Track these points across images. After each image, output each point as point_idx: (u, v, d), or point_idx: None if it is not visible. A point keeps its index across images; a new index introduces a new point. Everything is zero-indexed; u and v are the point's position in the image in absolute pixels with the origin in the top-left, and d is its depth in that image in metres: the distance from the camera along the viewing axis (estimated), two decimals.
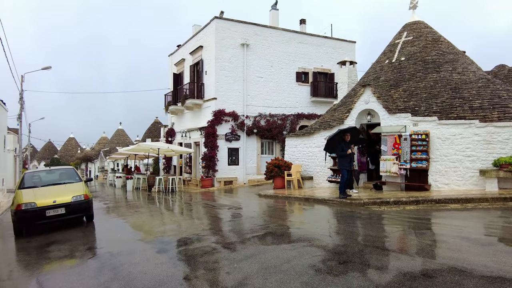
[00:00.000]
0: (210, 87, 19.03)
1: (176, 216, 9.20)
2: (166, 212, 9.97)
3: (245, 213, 8.82)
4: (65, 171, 9.15)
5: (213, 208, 10.41)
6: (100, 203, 13.21)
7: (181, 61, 23.10)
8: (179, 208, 11.01)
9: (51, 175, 8.78)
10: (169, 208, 11.37)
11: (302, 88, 21.11)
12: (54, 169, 9.23)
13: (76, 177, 8.73)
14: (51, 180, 8.46)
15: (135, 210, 10.08)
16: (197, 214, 9.57)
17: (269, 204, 10.55)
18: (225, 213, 9.09)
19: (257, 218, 7.70)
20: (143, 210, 10.27)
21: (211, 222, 7.71)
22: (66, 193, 7.66)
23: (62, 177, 8.80)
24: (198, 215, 9.27)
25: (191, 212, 10.04)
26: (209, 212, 9.65)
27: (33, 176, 8.50)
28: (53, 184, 8.14)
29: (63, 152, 52.81)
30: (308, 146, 13.85)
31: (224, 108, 18.51)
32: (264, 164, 19.81)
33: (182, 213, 10.01)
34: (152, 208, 11.12)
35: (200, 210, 10.12)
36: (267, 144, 20.21)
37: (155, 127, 41.05)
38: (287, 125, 20.25)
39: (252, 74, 19.47)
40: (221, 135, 18.51)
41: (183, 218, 8.76)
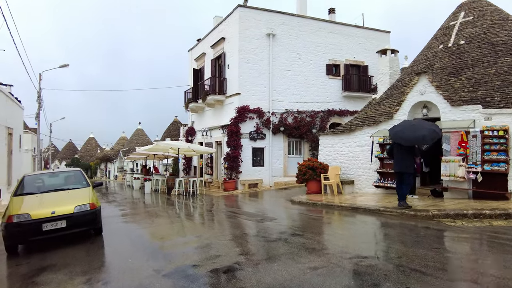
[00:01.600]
0: (233, 81, 17.52)
1: (198, 230, 7.67)
2: (187, 223, 8.47)
3: (284, 228, 7.20)
4: (71, 174, 7.80)
5: (240, 218, 8.84)
6: (115, 208, 11.91)
7: (201, 55, 21.74)
8: (202, 218, 9.50)
9: (54, 179, 7.45)
10: (190, 216, 9.89)
11: (332, 82, 19.30)
12: (58, 171, 7.89)
13: (83, 181, 7.35)
14: (53, 185, 7.13)
15: (152, 221, 8.63)
16: (223, 228, 8.02)
17: (306, 214, 8.88)
18: (258, 227, 7.49)
19: (302, 238, 6.06)
20: (161, 220, 8.82)
21: (242, 241, 6.12)
22: (69, 201, 6.27)
23: (66, 181, 7.46)
24: (225, 230, 7.71)
25: (217, 224, 8.49)
26: (237, 225, 8.08)
27: (33, 180, 7.18)
28: (55, 190, 6.78)
29: (83, 152, 52.80)
30: (348, 145, 12.08)
31: (248, 104, 16.96)
32: (291, 165, 18.16)
33: (205, 223, 8.49)
34: (171, 216, 9.67)
35: (226, 223, 8.56)
36: (295, 143, 18.52)
37: (174, 127, 40.09)
38: (317, 122, 18.49)
39: (279, 67, 17.83)
40: (245, 134, 16.97)
41: (208, 234, 7.22)
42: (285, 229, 6.85)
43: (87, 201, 6.33)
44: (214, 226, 7.98)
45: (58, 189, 6.83)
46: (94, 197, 6.66)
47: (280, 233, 6.36)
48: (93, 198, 6.53)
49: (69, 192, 6.75)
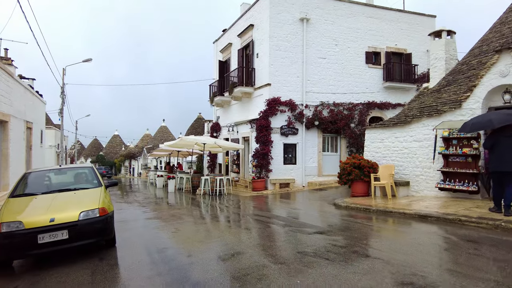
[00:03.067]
0: (263, 72, 16.03)
1: (231, 243, 6.23)
2: (216, 233, 7.04)
3: (340, 242, 5.62)
4: (80, 171, 6.56)
5: (277, 226, 7.33)
6: (135, 209, 10.71)
7: (227, 46, 20.37)
8: (232, 226, 8.06)
9: (59, 177, 6.22)
10: (219, 222, 8.48)
11: (372, 71, 17.41)
12: (66, 168, 6.65)
13: (94, 179, 6.07)
14: (58, 185, 5.90)
15: (176, 228, 7.27)
16: (257, 240, 6.54)
17: (361, 223, 7.25)
18: (308, 242, 5.95)
19: (372, 260, 4.48)
20: (186, 227, 7.47)
21: (300, 268, 4.61)
22: (73, 205, 4.99)
23: (74, 179, 6.23)
24: (259, 244, 6.23)
25: (250, 234, 7.02)
26: (276, 236, 6.58)
27: (35, 179, 5.97)
28: (59, 191, 5.53)
29: (108, 149, 53.03)
30: (402, 140, 10.30)
31: (279, 96, 15.41)
32: (326, 164, 16.48)
33: (238, 234, 7.04)
34: (198, 221, 8.31)
35: (261, 232, 7.08)
36: (330, 139, 16.80)
37: (198, 123, 39.18)
38: (355, 116, 16.69)
39: (313, 55, 16.18)
40: (275, 129, 15.44)
41: (241, 246, 5.77)
42: (342, 244, 5.28)
43: (96, 205, 5.01)
44: (247, 236, 6.51)
45: (62, 190, 5.57)
46: (106, 200, 5.35)
47: (338, 253, 4.80)
48: (104, 202, 5.22)
49: (76, 193, 5.47)
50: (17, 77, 12.89)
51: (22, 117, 13.38)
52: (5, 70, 11.23)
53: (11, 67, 17.51)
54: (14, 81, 12.11)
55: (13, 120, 12.05)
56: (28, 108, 14.60)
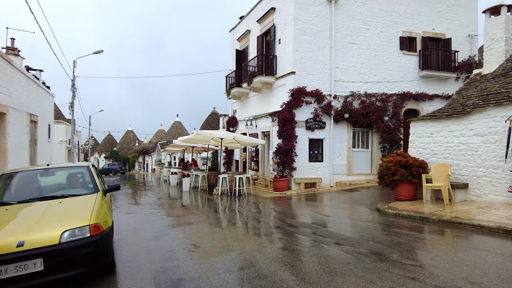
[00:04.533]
0: (286, 59, 14.48)
1: (265, 267, 4.81)
2: (237, 247, 5.63)
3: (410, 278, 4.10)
4: (73, 172, 5.18)
5: (309, 240, 5.85)
6: (146, 214, 9.41)
7: (245, 33, 18.88)
8: (265, 241, 6.61)
9: (47, 179, 4.87)
10: (240, 229, 7.05)
11: (407, 58, 15.62)
12: (54, 167, 5.14)
13: (90, 183, 4.72)
14: (43, 190, 4.58)
15: (193, 244, 5.84)
16: (302, 270, 5.07)
17: (422, 238, 5.70)
18: (355, 267, 4.45)
19: None
20: (203, 240, 6.08)
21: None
22: (56, 221, 3.63)
23: (66, 183, 4.89)
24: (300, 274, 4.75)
25: (284, 252, 5.57)
26: (309, 257, 5.10)
27: (14, 181, 4.64)
28: (40, 199, 4.20)
29: (122, 145, 52.47)
30: (458, 135, 8.64)
31: (305, 85, 13.85)
32: (356, 161, 14.84)
33: (275, 258, 5.60)
34: (216, 229, 6.91)
35: (302, 253, 5.61)
36: (360, 134, 15.16)
37: (212, 118, 37.94)
38: (389, 108, 14.97)
39: (342, 40, 14.52)
40: (300, 122, 13.90)
41: (271, 266, 4.32)
42: (408, 275, 3.77)
43: (87, 220, 3.63)
44: (282, 255, 5.06)
45: (46, 197, 4.23)
46: (101, 212, 3.98)
47: None
48: (98, 214, 3.83)
49: (62, 203, 4.12)
50: (17, 64, 11.74)
51: (24, 109, 12.27)
52: (1, 56, 10.06)
53: (18, 57, 16.46)
54: (13, 69, 10.95)
55: (13, 112, 10.91)
56: (32, 100, 13.50)
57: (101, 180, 5.97)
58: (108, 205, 4.58)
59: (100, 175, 6.29)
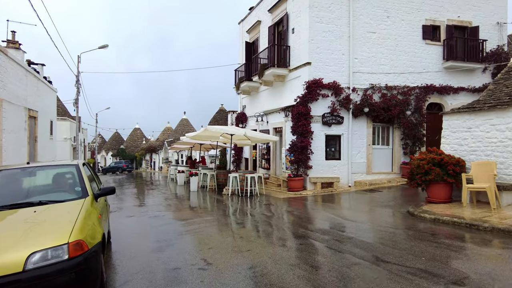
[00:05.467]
0: (300, 49, 13.48)
1: (285, 283, 3.89)
2: (255, 262, 4.71)
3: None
4: (59, 171, 4.28)
5: (355, 259, 4.89)
6: (150, 218, 8.54)
7: (255, 24, 17.91)
8: (286, 249, 5.68)
9: (25, 181, 3.98)
10: (253, 236, 6.13)
11: (430, 48, 14.49)
12: (36, 166, 4.21)
13: (77, 186, 3.83)
14: (18, 194, 3.70)
15: (204, 258, 4.89)
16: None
17: (497, 256, 4.72)
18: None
19: None
20: (216, 255, 5.16)
21: None
22: (23, 238, 2.74)
23: (48, 185, 4.02)
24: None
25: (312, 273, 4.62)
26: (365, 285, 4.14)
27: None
28: (11, 206, 3.32)
29: (129, 143, 51.98)
30: (503, 129, 7.58)
31: (321, 77, 12.84)
32: (376, 159, 13.74)
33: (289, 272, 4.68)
34: (226, 236, 6.00)
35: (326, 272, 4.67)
36: (380, 130, 14.10)
37: (220, 115, 37.09)
38: (411, 102, 13.89)
39: (361, 28, 13.47)
40: (316, 117, 12.91)
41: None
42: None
43: (65, 237, 2.73)
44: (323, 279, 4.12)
45: (18, 205, 3.36)
46: (88, 224, 3.08)
47: None
48: (83, 228, 2.94)
49: (38, 212, 3.24)
50: (13, 55, 10.97)
51: (21, 104, 11.51)
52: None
53: (18, 51, 15.74)
54: (7, 59, 10.18)
55: (8, 106, 10.14)
56: (31, 94, 12.75)
57: (97, 180, 5.11)
58: (99, 213, 3.69)
59: (96, 175, 5.42)
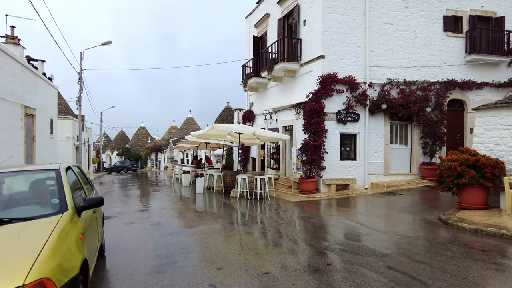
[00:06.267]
0: (313, 42, 12.63)
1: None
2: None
3: None
4: (36, 177, 3.48)
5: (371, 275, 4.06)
6: (152, 225, 7.79)
7: (264, 18, 17.08)
8: (311, 271, 4.86)
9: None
10: (271, 253, 5.32)
11: (452, 41, 13.54)
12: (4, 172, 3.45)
13: (55, 197, 3.04)
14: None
15: (210, 283, 4.13)
16: None
17: None
18: None
19: None
20: (224, 273, 4.38)
21: None
22: None
23: (19, 195, 3.25)
24: None
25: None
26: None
27: None
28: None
29: (134, 142, 51.50)
30: None
31: (336, 71, 11.98)
32: (394, 159, 12.84)
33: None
34: (239, 253, 5.22)
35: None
36: (398, 128, 13.20)
37: (226, 114, 36.34)
38: (431, 98, 12.96)
39: (378, 20, 12.58)
40: (330, 114, 12.06)
41: None
42: None
43: (20, 277, 1.94)
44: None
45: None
46: (61, 251, 2.31)
47: None
48: (52, 259, 2.15)
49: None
50: (6, 49, 10.28)
51: (17, 101, 10.84)
52: None
53: (18, 46, 15.11)
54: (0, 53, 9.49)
55: (1, 103, 9.46)
56: (28, 91, 12.09)
57: (85, 187, 4.33)
58: (81, 232, 2.91)
59: (88, 181, 4.64)
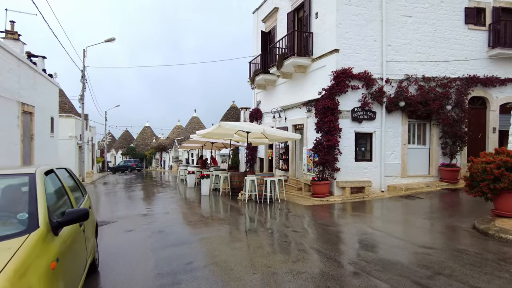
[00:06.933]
0: (325, 36, 11.89)
1: None
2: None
3: None
4: (3, 185, 2.83)
5: None
6: (153, 233, 7.12)
7: (272, 12, 16.36)
8: None
9: None
10: (292, 271, 4.62)
11: (474, 34, 12.71)
12: None
13: (23, 210, 2.37)
14: None
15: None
16: None
17: None
18: None
19: None
20: None
21: None
22: None
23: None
24: None
25: None
26: None
27: None
28: None
29: (139, 141, 51.07)
30: None
31: (351, 66, 11.23)
32: (412, 160, 12.03)
33: None
34: (252, 271, 4.52)
35: None
36: (416, 127, 12.41)
37: (232, 113, 35.69)
38: (452, 95, 12.15)
39: (395, 12, 11.80)
40: (344, 112, 11.30)
41: None
42: None
43: None
44: None
45: None
46: None
47: None
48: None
49: None
50: (1, 42, 9.69)
51: (13, 97, 10.24)
52: None
53: (17, 42, 14.54)
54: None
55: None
56: (26, 88, 11.50)
57: (79, 193, 3.66)
58: (55, 257, 2.24)
59: (75, 187, 3.93)
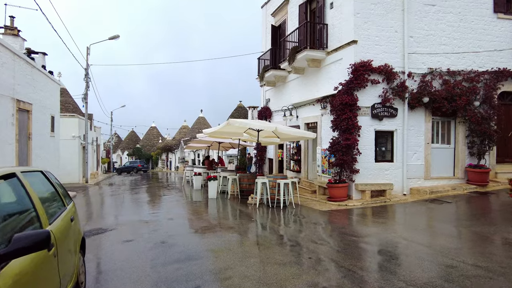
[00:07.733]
0: (341, 27, 11.02)
1: None
2: None
3: None
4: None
5: None
6: (155, 245, 6.32)
7: (282, 5, 15.55)
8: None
9: None
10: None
11: (503, 24, 11.73)
12: None
13: None
14: None
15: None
16: None
17: None
18: None
19: None
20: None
21: None
22: None
23: None
24: None
25: None
26: None
27: None
28: None
29: (145, 142, 50.58)
30: None
31: (370, 59, 10.34)
32: (436, 161, 11.06)
33: None
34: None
35: None
36: (439, 125, 11.46)
37: (239, 113, 34.96)
38: (479, 90, 11.18)
39: (417, 0, 10.88)
40: (364, 108, 10.41)
41: None
42: None
43: None
44: None
45: None
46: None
47: None
48: None
49: None
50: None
51: (7, 94, 9.57)
52: None
53: (17, 38, 13.97)
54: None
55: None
56: (22, 84, 10.84)
57: (56, 203, 2.87)
58: None
59: (52, 197, 3.13)
